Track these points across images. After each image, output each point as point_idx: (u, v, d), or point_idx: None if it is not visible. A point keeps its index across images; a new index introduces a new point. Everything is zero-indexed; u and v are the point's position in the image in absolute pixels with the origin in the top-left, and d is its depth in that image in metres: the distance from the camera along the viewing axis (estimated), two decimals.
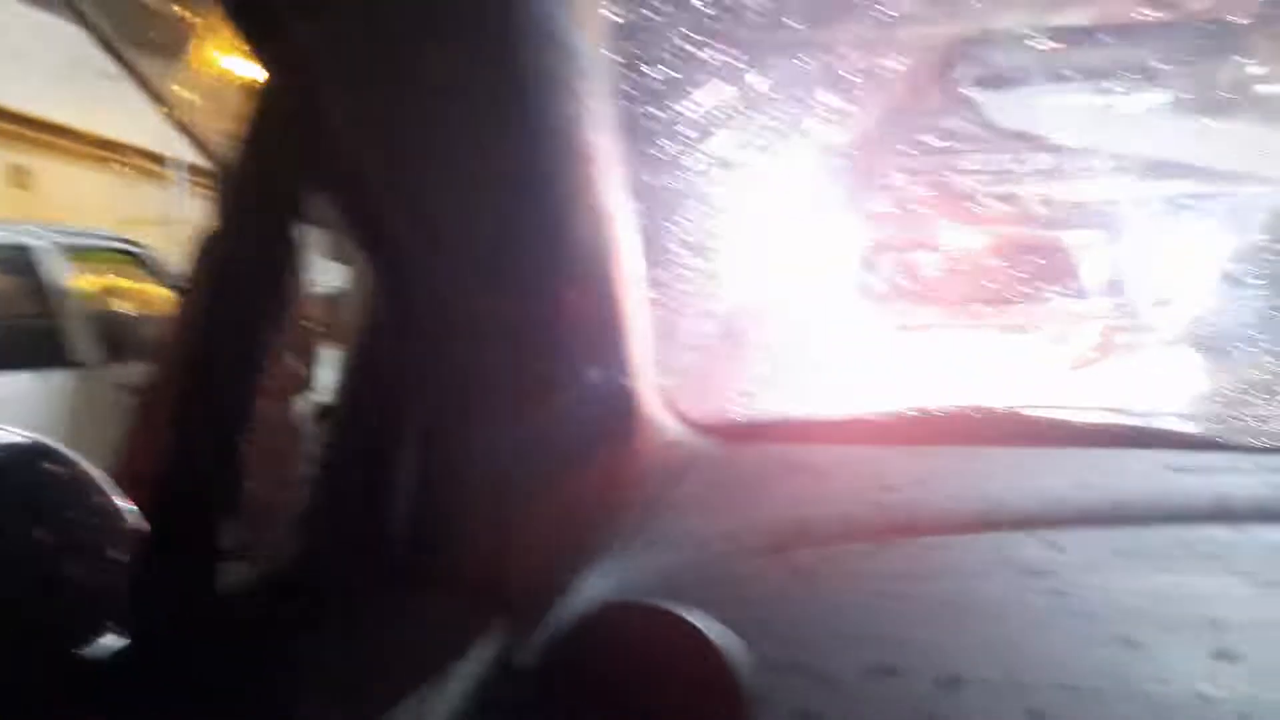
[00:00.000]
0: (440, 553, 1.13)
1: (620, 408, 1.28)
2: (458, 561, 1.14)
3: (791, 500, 1.47)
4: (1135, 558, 1.21)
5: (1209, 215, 11.22)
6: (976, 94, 13.16)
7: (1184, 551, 1.21)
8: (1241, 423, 1.73)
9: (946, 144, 12.97)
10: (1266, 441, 1.61)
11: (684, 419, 1.60)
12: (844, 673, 1.06)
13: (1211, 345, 6.99)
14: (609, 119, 1.10)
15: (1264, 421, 1.73)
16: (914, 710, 0.99)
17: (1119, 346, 6.02)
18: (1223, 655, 0.98)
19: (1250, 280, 8.99)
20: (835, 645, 1.11)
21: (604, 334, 1.22)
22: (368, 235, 1.06)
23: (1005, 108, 12.48)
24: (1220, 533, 1.23)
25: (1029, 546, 1.23)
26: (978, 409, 1.87)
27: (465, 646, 1.08)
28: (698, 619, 1.08)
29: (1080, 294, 6.45)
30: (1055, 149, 13.00)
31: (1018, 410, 1.84)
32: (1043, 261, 6.53)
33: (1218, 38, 10.60)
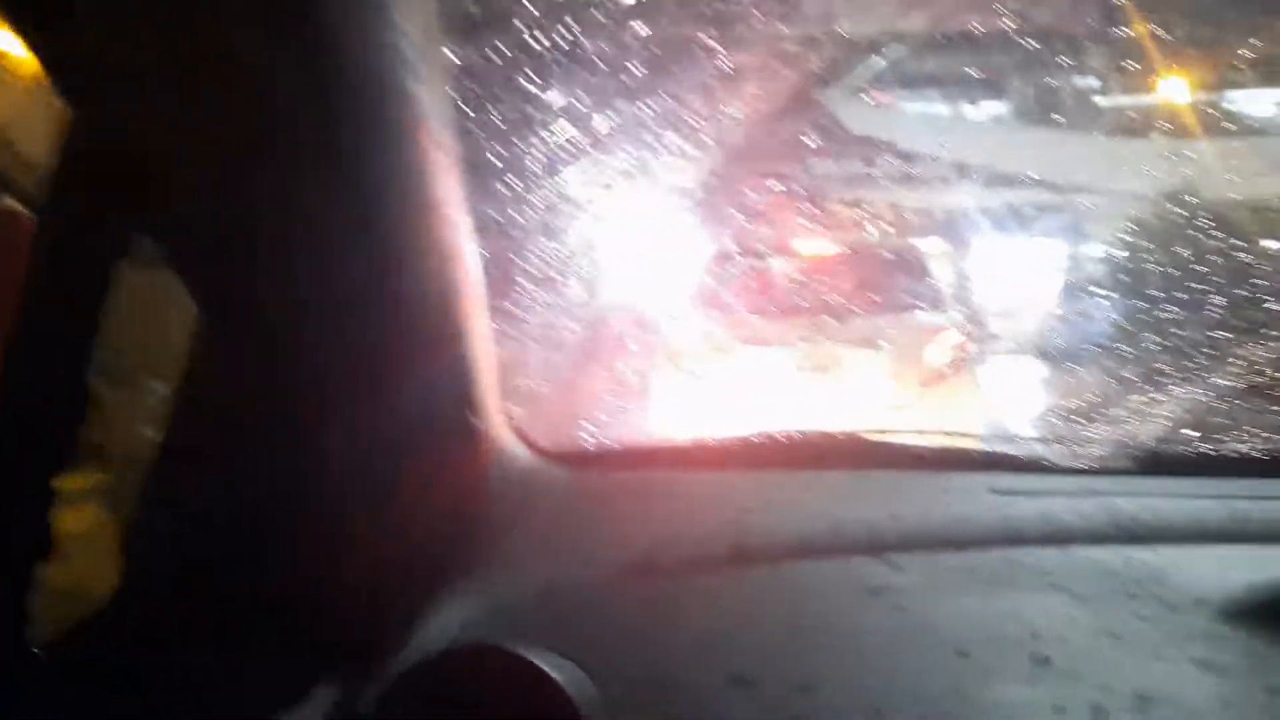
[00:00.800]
0: (271, 591, 1.09)
1: (463, 437, 1.26)
2: (290, 599, 1.09)
3: (643, 527, 1.48)
4: (967, 577, 1.28)
5: (1051, 226, 11.88)
6: (828, 99, 13.61)
7: (1011, 571, 1.28)
8: (1067, 445, 1.80)
9: (798, 150, 13.38)
10: (1089, 463, 1.70)
11: (533, 447, 1.59)
12: (704, 684, 1.09)
13: (1052, 359, 7.37)
14: (451, 156, 1.11)
15: (1088, 444, 1.78)
16: (772, 713, 1.04)
17: (968, 362, 6.00)
18: (1040, 661, 1.06)
19: (1089, 292, 9.57)
20: (693, 660, 1.14)
21: (445, 364, 1.20)
22: (194, 265, 1.03)
23: (855, 114, 12.96)
24: (1046, 553, 1.31)
25: (872, 568, 1.30)
26: (821, 433, 1.95)
27: (300, 694, 1.07)
28: (544, 660, 1.08)
29: (931, 306, 6.31)
30: (904, 156, 13.57)
31: (858, 434, 1.91)
32: (893, 273, 6.44)
33: (1059, 51, 11.25)
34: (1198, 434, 3.58)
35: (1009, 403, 6.35)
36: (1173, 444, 1.94)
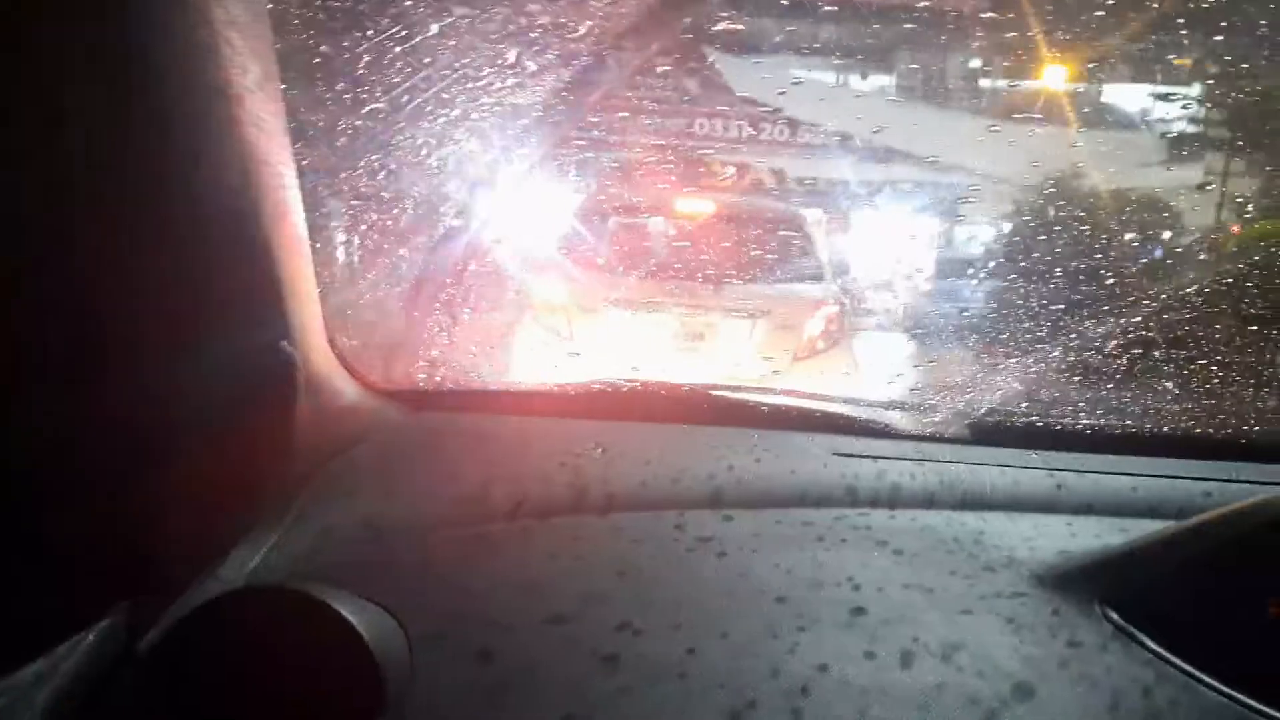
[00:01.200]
0: (67, 517, 1.05)
1: (281, 370, 1.21)
2: (86, 529, 1.05)
3: (475, 470, 1.49)
4: (798, 531, 1.36)
5: (927, 201, 12.19)
6: (713, 55, 13.65)
7: (842, 528, 1.37)
8: (910, 412, 1.89)
9: (677, 105, 13.38)
10: (928, 430, 1.80)
11: (364, 383, 1.57)
12: (521, 621, 1.14)
13: (916, 333, 7.56)
14: (271, 83, 1.08)
15: (930, 412, 1.89)
16: (589, 651, 1.09)
17: (844, 336, 5.93)
18: (856, 610, 1.15)
19: (948, 268, 9.88)
20: (512, 601, 1.18)
21: (261, 293, 1.16)
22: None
23: (740, 74, 13.03)
24: (878, 514, 1.41)
25: (704, 519, 1.36)
26: (664, 385, 2.00)
27: (83, 624, 1.05)
28: (341, 601, 1.07)
29: (811, 278, 6.26)
30: (788, 121, 13.71)
31: (702, 389, 1.96)
32: (775, 242, 6.33)
33: (946, 29, 11.48)
34: (1029, 407, 3.95)
35: (875, 374, 6.38)
36: (1006, 416, 2.00)
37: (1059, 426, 1.87)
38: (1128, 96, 13.14)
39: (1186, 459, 1.73)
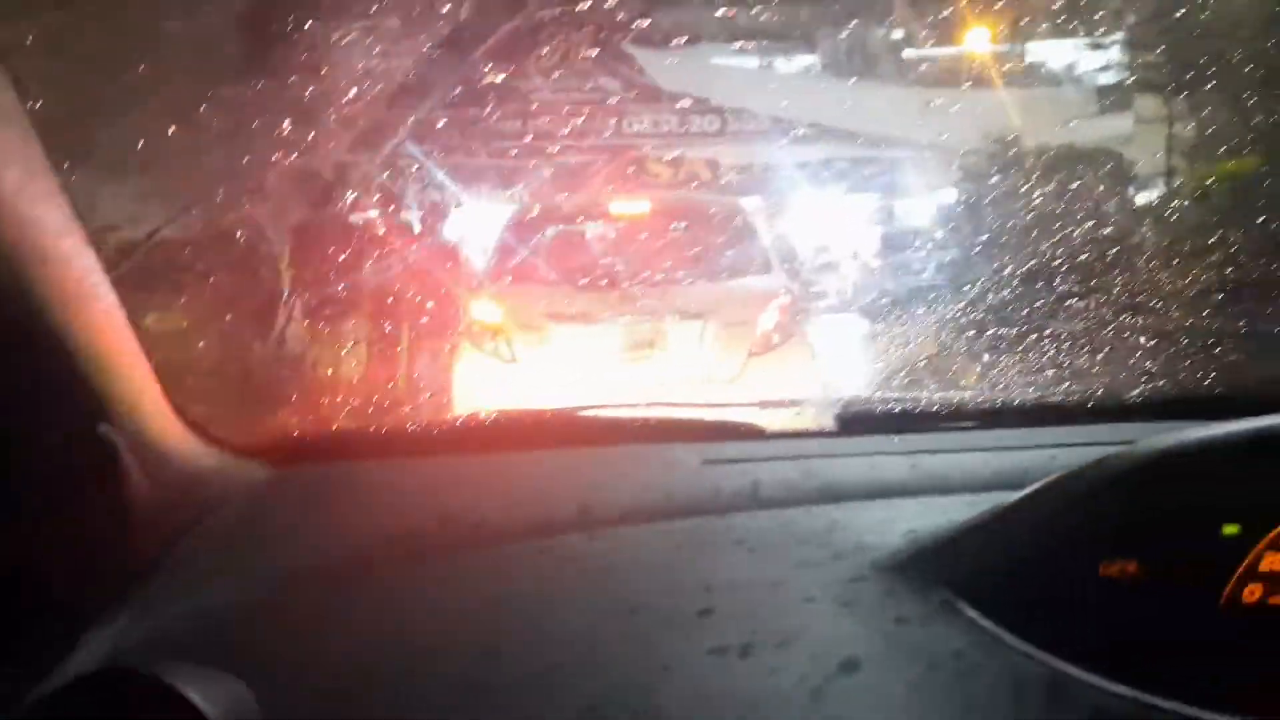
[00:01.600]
0: None
1: (104, 451, 1.19)
2: None
3: (341, 524, 1.47)
4: (663, 542, 1.37)
5: (863, 179, 12.18)
6: (637, 51, 13.52)
7: (706, 535, 1.38)
8: (775, 410, 1.97)
9: (601, 105, 13.24)
10: (793, 428, 1.86)
11: (220, 445, 1.53)
12: (383, 668, 1.14)
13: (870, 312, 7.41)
14: (39, 179, 1.08)
15: (794, 408, 1.97)
16: (450, 686, 1.11)
17: (798, 326, 5.64)
18: (705, 611, 1.17)
19: (902, 249, 9.85)
20: (373, 648, 1.18)
21: (77, 379, 1.15)
22: None
23: (667, 67, 12.92)
24: (744, 517, 1.41)
25: (571, 542, 1.37)
26: (530, 413, 2.08)
27: None
28: (195, 682, 1.03)
29: (757, 269, 5.77)
30: (717, 111, 13.61)
31: (568, 412, 2.00)
32: (716, 235, 6.00)
33: (867, 3, 11.47)
34: (891, 393, 4.00)
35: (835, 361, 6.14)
36: (866, 404, 2.09)
37: (915, 409, 1.94)
38: (1054, 52, 13.21)
39: (1037, 427, 1.77)
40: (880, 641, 1.11)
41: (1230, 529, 1.10)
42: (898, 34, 13.04)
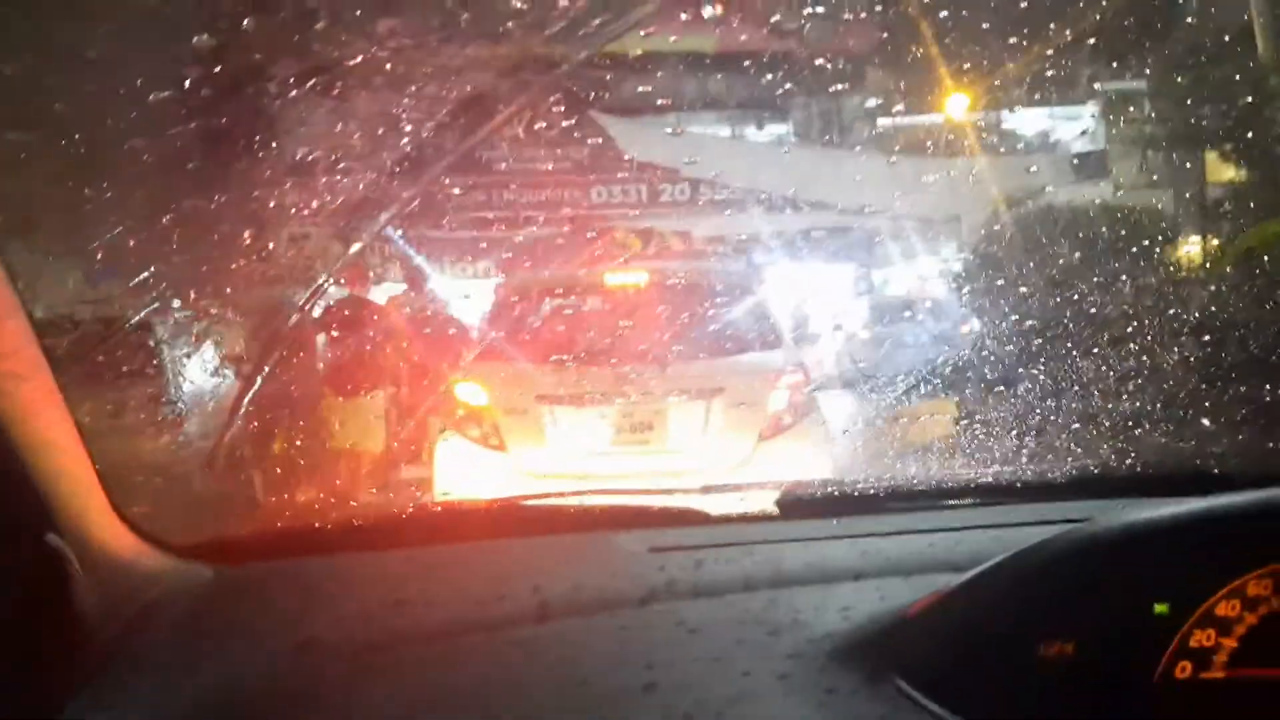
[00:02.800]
0: None
1: (53, 562, 1.23)
2: None
3: (291, 621, 1.47)
4: (610, 625, 1.41)
5: (842, 248, 12.03)
6: (605, 121, 13.34)
7: (652, 619, 1.43)
8: (719, 495, 2.03)
9: (574, 177, 13.03)
10: (739, 512, 1.89)
11: (161, 544, 1.56)
12: None
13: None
14: None
15: (739, 492, 2.03)
16: None
17: (812, 405, 5.08)
18: (648, 686, 1.22)
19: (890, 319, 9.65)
20: None
21: (23, 491, 1.20)
22: None
23: (635, 137, 12.75)
24: (684, 603, 1.46)
25: (523, 629, 1.41)
26: (478, 503, 2.13)
27: None
28: None
29: (766, 343, 5.29)
30: (689, 181, 13.46)
31: (514, 500, 2.06)
32: (718, 307, 5.42)
33: (836, 71, 11.37)
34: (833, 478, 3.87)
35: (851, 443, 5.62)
36: (808, 489, 2.12)
37: (856, 493, 2.01)
38: (1030, 120, 13.23)
39: (976, 508, 1.87)
40: (813, 710, 1.17)
41: (1161, 608, 1.15)
42: (870, 102, 13.01)
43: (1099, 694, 1.12)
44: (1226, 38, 9.71)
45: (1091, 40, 10.61)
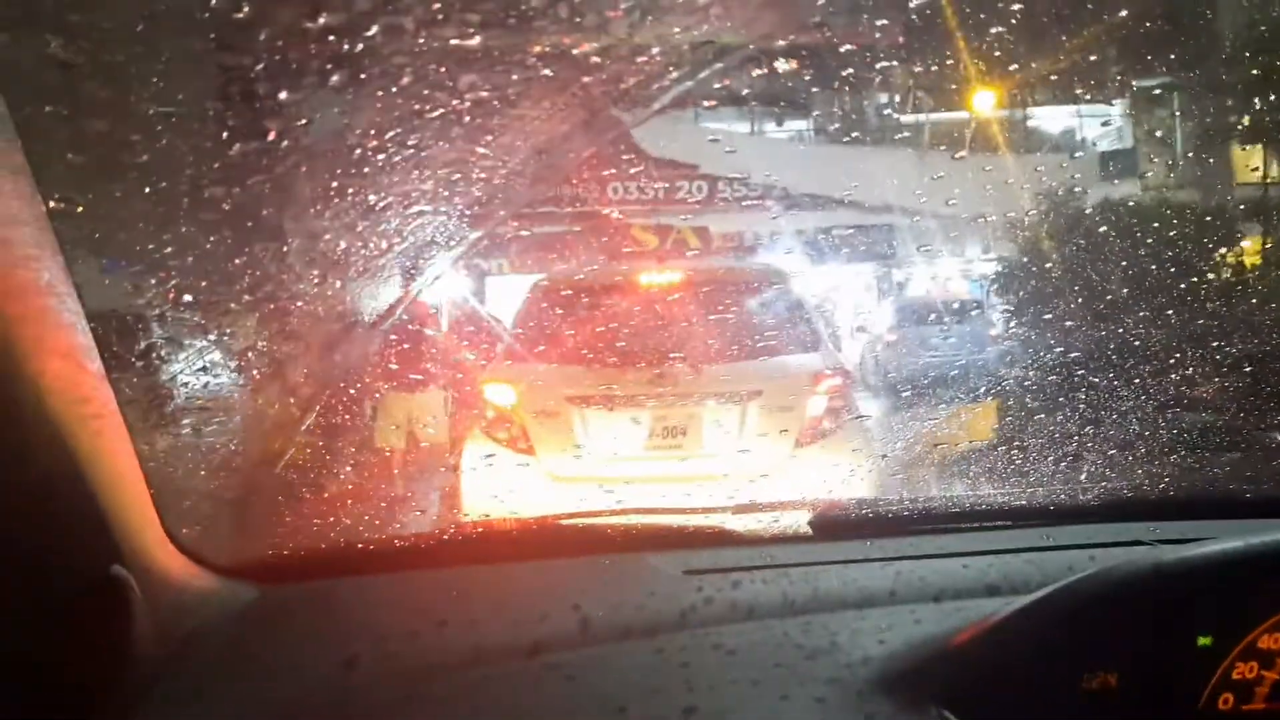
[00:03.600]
0: None
1: (117, 592, 1.28)
2: None
3: (334, 643, 1.50)
4: (643, 647, 1.44)
5: (864, 248, 11.88)
6: (626, 116, 13.15)
7: (683, 639, 1.45)
8: (753, 515, 1.97)
9: (593, 172, 12.88)
10: (772, 533, 1.88)
11: (211, 568, 1.59)
12: None
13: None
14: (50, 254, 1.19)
15: (771, 512, 1.98)
16: None
17: (852, 410, 4.98)
18: (688, 709, 1.24)
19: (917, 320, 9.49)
20: None
21: (90, 517, 1.25)
22: None
23: (651, 133, 12.58)
24: (720, 626, 1.47)
25: (563, 654, 1.43)
26: (516, 522, 2.23)
27: None
28: None
29: (805, 344, 5.10)
30: (708, 178, 13.29)
31: (552, 521, 2.05)
32: (755, 306, 5.28)
33: (857, 65, 11.21)
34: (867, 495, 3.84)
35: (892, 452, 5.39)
36: (844, 510, 2.15)
37: (892, 514, 2.05)
38: (1058, 118, 13.07)
39: (1007, 530, 1.87)
40: None
41: (1204, 640, 1.19)
42: (891, 98, 12.86)
43: None
44: (1264, 29, 9.54)
45: (1121, 35, 10.45)
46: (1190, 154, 10.73)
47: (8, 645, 1.16)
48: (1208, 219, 9.04)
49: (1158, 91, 11.61)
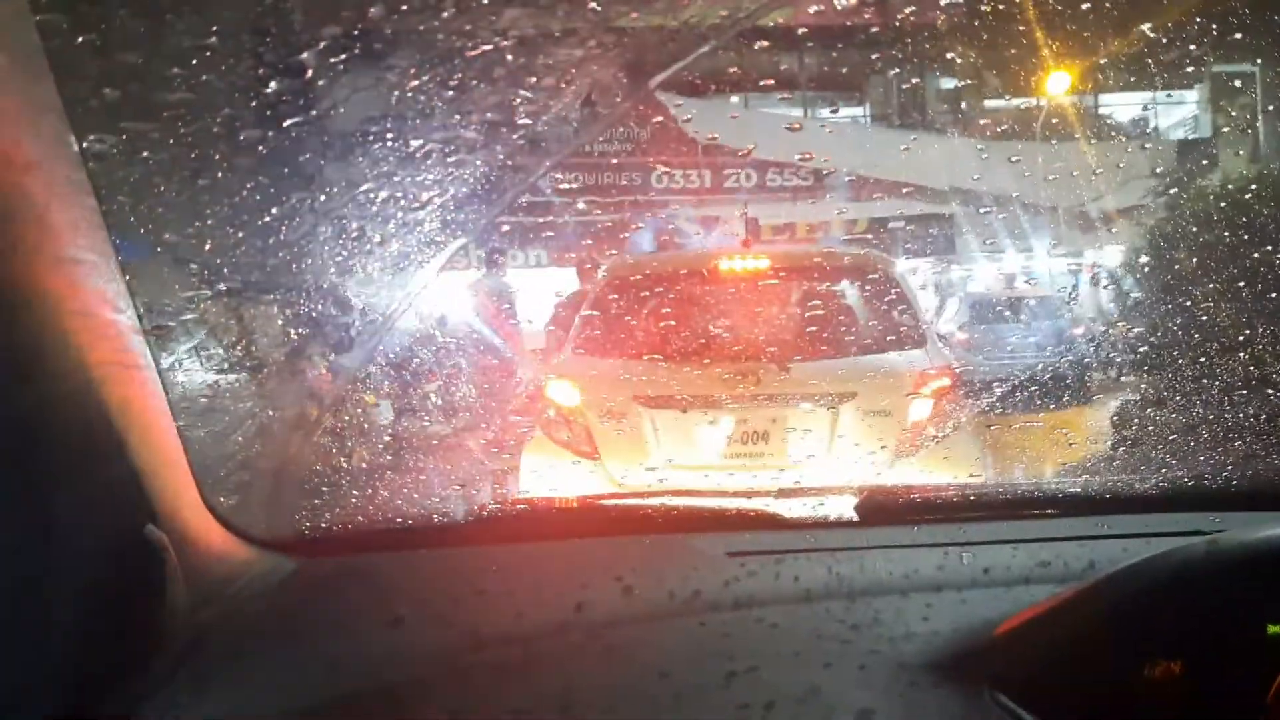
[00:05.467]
0: None
1: (152, 553, 1.29)
2: None
3: (370, 617, 1.53)
4: (690, 622, 1.48)
5: (925, 239, 11.58)
6: (670, 101, 12.90)
7: (728, 618, 1.49)
8: (798, 499, 2.00)
9: (639, 158, 12.62)
10: (817, 517, 1.88)
11: (247, 539, 1.63)
12: None
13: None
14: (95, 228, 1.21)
15: (815, 496, 2.00)
16: None
17: (962, 417, 4.33)
18: (730, 675, 1.30)
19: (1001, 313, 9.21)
20: None
21: (129, 478, 1.27)
22: None
23: (701, 117, 12.29)
24: (763, 606, 1.51)
25: (606, 631, 1.47)
26: (557, 501, 2.26)
27: None
28: None
29: (908, 341, 4.60)
30: (756, 164, 13.01)
31: (593, 499, 2.11)
32: (850, 297, 4.95)
33: (923, 48, 10.89)
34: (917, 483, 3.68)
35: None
36: (889, 494, 2.23)
37: (937, 499, 2.08)
38: (1131, 104, 12.72)
39: (1055, 518, 1.89)
40: (895, 701, 1.25)
41: (1274, 629, 1.16)
42: (952, 82, 12.55)
43: (1208, 715, 1.15)
44: None
45: (1199, 18, 10.10)
46: (1272, 141, 10.39)
47: (44, 601, 1.17)
48: None
49: (1238, 75, 11.27)
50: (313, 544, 1.83)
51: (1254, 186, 9.85)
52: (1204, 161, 11.06)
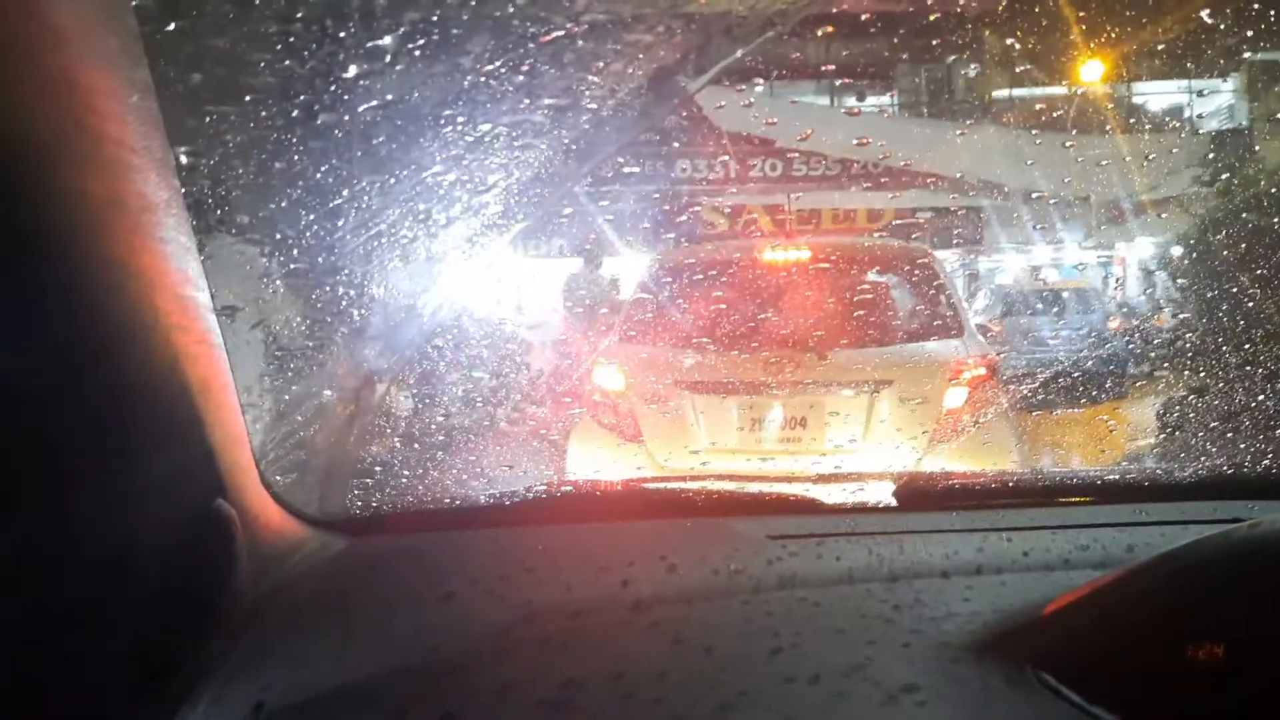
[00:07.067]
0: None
1: (219, 526, 1.35)
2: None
3: (419, 596, 1.57)
4: (732, 600, 1.51)
5: (955, 230, 11.64)
6: (697, 90, 12.94)
7: (770, 599, 1.50)
8: (838, 485, 2.05)
9: (661, 147, 12.70)
10: (857, 502, 1.94)
11: (301, 517, 1.69)
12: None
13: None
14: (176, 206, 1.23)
15: (856, 481, 2.05)
16: (536, 701, 1.26)
17: (998, 405, 4.45)
18: (775, 650, 1.32)
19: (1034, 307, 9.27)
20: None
21: (195, 453, 1.32)
22: None
23: (726, 108, 12.38)
24: (805, 588, 1.54)
25: (649, 606, 1.50)
26: (600, 484, 2.35)
27: None
28: None
29: (945, 330, 4.76)
30: (782, 154, 13.07)
31: (636, 483, 2.21)
32: (888, 286, 5.11)
33: (952, 36, 10.97)
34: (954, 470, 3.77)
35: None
36: (930, 480, 2.27)
37: (976, 485, 2.11)
38: (1165, 94, 12.75)
39: (1094, 506, 1.91)
40: (939, 676, 1.25)
41: None
42: (988, 71, 12.60)
43: (1250, 701, 1.13)
44: None
45: (1233, 7, 10.15)
46: None
47: (125, 571, 1.21)
48: None
49: (1274, 66, 11.31)
50: (364, 523, 1.89)
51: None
52: (1236, 151, 11.13)
